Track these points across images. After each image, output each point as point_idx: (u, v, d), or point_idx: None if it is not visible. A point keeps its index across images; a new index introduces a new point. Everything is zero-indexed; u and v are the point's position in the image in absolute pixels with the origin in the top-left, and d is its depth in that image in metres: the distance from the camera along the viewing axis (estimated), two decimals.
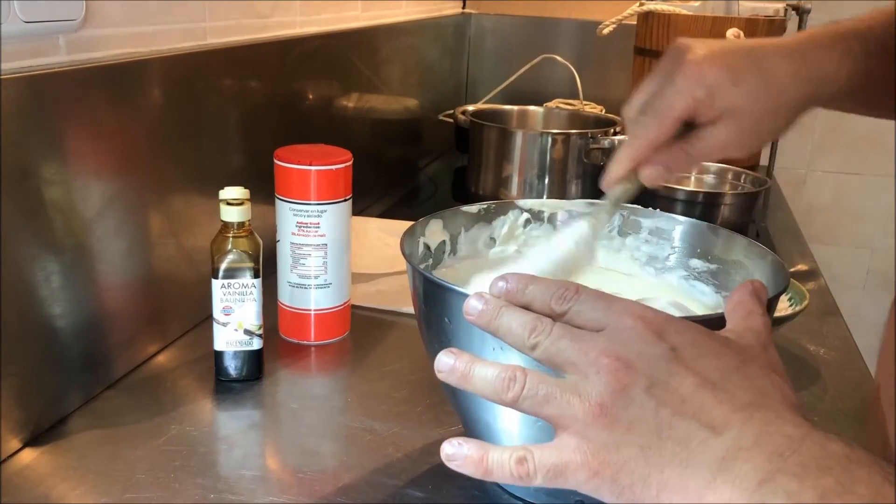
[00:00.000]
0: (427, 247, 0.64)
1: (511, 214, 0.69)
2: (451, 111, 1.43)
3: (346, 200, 0.76)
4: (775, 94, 0.55)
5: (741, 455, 0.35)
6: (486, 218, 0.68)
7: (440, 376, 0.42)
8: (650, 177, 0.56)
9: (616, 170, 0.56)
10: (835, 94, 0.56)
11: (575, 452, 0.38)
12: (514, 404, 0.40)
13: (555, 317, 0.42)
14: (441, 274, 0.64)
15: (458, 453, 0.40)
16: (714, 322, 0.44)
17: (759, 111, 0.54)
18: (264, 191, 0.76)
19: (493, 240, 0.69)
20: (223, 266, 0.68)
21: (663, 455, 0.37)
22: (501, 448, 0.39)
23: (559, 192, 1.26)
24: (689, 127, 0.55)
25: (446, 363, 0.42)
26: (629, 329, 0.40)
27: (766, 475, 0.35)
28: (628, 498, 0.37)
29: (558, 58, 1.54)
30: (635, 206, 0.69)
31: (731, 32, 1.33)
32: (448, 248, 0.66)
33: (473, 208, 0.68)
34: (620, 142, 0.55)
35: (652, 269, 0.68)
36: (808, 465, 0.34)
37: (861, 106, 0.61)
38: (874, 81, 0.56)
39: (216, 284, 0.68)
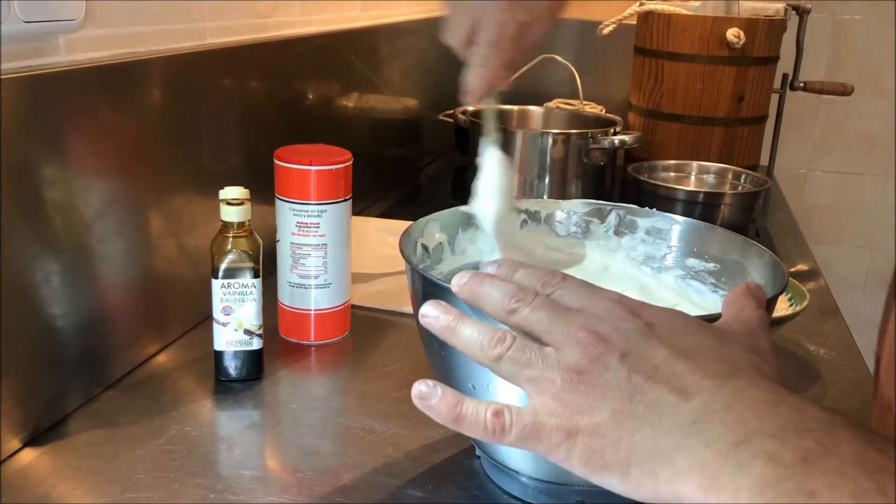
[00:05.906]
0: (425, 247, 0.64)
1: None
2: (451, 111, 1.42)
3: (346, 200, 0.76)
4: None
5: (714, 417, 0.35)
6: None
7: (423, 321, 0.42)
8: (504, 85, 0.63)
9: (478, 92, 0.62)
10: None
11: (550, 415, 0.38)
12: (496, 363, 0.40)
13: None
14: (438, 275, 0.64)
15: (431, 393, 0.40)
16: (711, 321, 0.44)
17: None
18: (264, 191, 0.76)
19: None
20: (223, 266, 0.68)
21: (635, 419, 0.37)
22: (478, 400, 0.39)
23: (559, 192, 1.26)
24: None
25: (433, 313, 0.42)
26: (607, 309, 0.40)
27: (742, 437, 0.34)
28: (597, 462, 0.37)
29: (558, 58, 1.54)
30: (632, 206, 0.69)
31: (731, 32, 1.33)
32: (446, 248, 0.66)
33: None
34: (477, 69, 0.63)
35: (648, 268, 0.68)
36: (786, 428, 0.33)
37: None
38: None
39: (216, 284, 0.68)
